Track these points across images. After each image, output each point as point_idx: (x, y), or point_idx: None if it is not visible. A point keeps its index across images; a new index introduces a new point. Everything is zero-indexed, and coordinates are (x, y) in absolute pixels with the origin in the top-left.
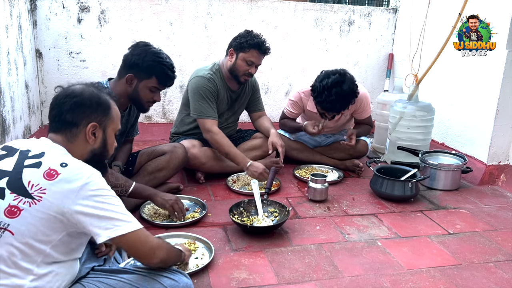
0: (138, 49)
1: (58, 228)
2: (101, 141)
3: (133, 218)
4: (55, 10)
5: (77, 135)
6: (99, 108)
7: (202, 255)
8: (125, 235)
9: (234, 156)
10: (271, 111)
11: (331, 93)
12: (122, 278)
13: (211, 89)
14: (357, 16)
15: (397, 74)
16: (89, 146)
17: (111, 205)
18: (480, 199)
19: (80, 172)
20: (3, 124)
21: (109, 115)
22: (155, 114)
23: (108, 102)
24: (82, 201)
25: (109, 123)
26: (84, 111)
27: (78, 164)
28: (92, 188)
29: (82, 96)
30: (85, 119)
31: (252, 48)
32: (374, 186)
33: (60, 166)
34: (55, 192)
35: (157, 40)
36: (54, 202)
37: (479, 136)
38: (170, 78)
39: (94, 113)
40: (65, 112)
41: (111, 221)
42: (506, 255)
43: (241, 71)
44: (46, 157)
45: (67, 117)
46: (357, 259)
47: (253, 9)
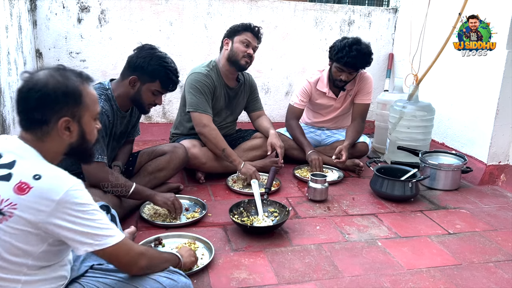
0: (143, 52)
1: (36, 241)
2: (78, 133)
3: (114, 231)
4: (55, 10)
5: (48, 132)
6: (69, 100)
7: (202, 255)
8: (104, 249)
9: (230, 154)
10: (271, 111)
11: (351, 49)
12: (121, 277)
13: (208, 84)
14: (357, 16)
15: (397, 74)
16: (65, 142)
17: (90, 220)
18: (480, 199)
19: (56, 185)
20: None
21: (81, 103)
22: (155, 114)
23: (77, 89)
24: (60, 215)
25: (83, 112)
26: (52, 107)
27: (53, 174)
28: (71, 202)
29: (47, 88)
30: (54, 115)
31: (244, 30)
32: (374, 186)
33: (32, 178)
34: (27, 207)
35: (157, 40)
36: (27, 218)
37: (479, 136)
38: (173, 83)
39: (64, 106)
40: (31, 109)
41: (90, 236)
42: (506, 255)
43: (240, 53)
44: (17, 167)
45: (35, 115)
46: (357, 259)
47: (253, 9)
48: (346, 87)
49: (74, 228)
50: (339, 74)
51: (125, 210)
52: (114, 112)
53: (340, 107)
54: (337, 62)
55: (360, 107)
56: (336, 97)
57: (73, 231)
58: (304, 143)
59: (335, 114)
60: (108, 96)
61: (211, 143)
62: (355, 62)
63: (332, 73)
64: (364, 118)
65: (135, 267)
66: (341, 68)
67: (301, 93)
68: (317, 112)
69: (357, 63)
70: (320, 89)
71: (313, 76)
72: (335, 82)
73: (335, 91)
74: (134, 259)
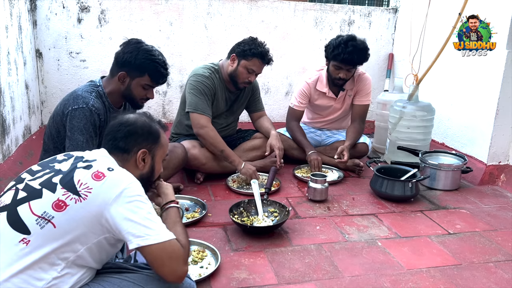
0: (130, 47)
1: (97, 230)
2: (149, 167)
3: (166, 230)
4: (55, 10)
5: (128, 160)
6: (150, 137)
7: (208, 264)
8: (153, 245)
9: (229, 155)
10: (271, 111)
11: (347, 45)
12: (126, 277)
13: (209, 86)
14: (357, 16)
15: (397, 74)
16: (138, 171)
17: (148, 213)
18: (480, 199)
19: (123, 178)
20: (3, 124)
21: (158, 143)
22: (155, 114)
23: (158, 131)
24: (120, 204)
25: (158, 150)
26: (136, 139)
27: (123, 171)
28: (131, 194)
29: (135, 125)
30: (136, 146)
31: (255, 57)
32: (374, 186)
33: (107, 170)
34: (99, 193)
35: (157, 40)
36: (96, 202)
37: (479, 136)
38: (163, 75)
39: (145, 141)
40: (119, 139)
41: (144, 229)
42: (506, 255)
43: (241, 78)
44: (97, 162)
45: (120, 144)
46: (357, 259)
47: (253, 9)
48: (345, 86)
49: (132, 218)
50: (337, 72)
51: None
52: (106, 109)
53: (341, 108)
54: (334, 60)
55: (359, 108)
56: (336, 97)
57: (129, 220)
58: (305, 143)
59: (335, 116)
60: (99, 93)
61: (210, 144)
62: (352, 58)
63: (330, 72)
64: (364, 119)
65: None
66: (338, 66)
67: (299, 95)
68: (317, 113)
69: (354, 59)
70: (319, 90)
71: (311, 77)
72: (334, 81)
73: (334, 90)
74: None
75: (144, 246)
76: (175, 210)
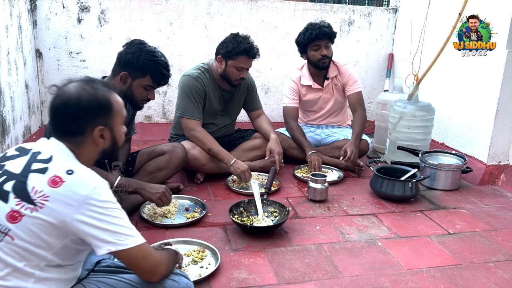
0: (132, 48)
1: (59, 236)
2: (110, 139)
3: (136, 233)
4: (55, 10)
5: (84, 141)
6: (102, 110)
7: (208, 264)
8: (126, 250)
9: (217, 152)
10: (271, 111)
11: (312, 25)
12: (123, 278)
13: (197, 88)
14: (357, 16)
15: (397, 74)
16: (99, 148)
17: (115, 218)
18: (480, 199)
19: (85, 181)
20: (3, 124)
21: (112, 112)
22: (155, 114)
23: (107, 99)
24: (85, 211)
25: (115, 120)
26: (87, 118)
27: (84, 172)
28: (97, 199)
29: (81, 101)
30: (90, 125)
31: (240, 55)
32: (374, 186)
33: (65, 173)
34: (58, 200)
35: (157, 40)
36: (56, 210)
37: (479, 136)
38: (164, 76)
39: (98, 116)
40: (67, 122)
41: (113, 234)
42: (506, 255)
43: (233, 77)
44: (53, 162)
45: (71, 127)
46: (357, 259)
47: (253, 9)
48: (329, 74)
49: (99, 225)
50: (318, 53)
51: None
52: None
53: (331, 98)
54: (310, 42)
55: (353, 97)
56: (322, 87)
57: (97, 228)
58: (305, 143)
59: (328, 108)
60: None
61: (198, 146)
62: (324, 30)
63: (311, 59)
64: (362, 105)
65: (156, 275)
66: (316, 45)
67: (289, 92)
68: (311, 110)
69: (326, 31)
70: (305, 84)
71: (294, 74)
72: (319, 64)
73: (319, 81)
74: (154, 266)
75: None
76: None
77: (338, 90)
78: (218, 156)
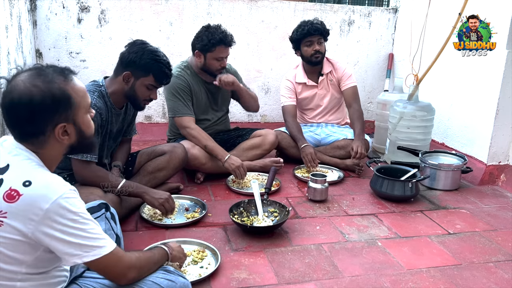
0: (135, 47)
1: (28, 250)
2: (76, 133)
3: (104, 241)
4: (55, 10)
5: (46, 141)
6: (59, 106)
7: (208, 264)
8: (93, 260)
9: (212, 149)
10: (271, 111)
11: (305, 22)
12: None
13: (181, 85)
14: (357, 16)
15: (397, 74)
16: (64, 145)
17: (80, 230)
18: (480, 199)
19: (46, 193)
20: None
21: (72, 105)
22: (155, 114)
23: (64, 92)
24: (49, 223)
25: (77, 112)
26: (43, 118)
27: (44, 181)
28: (60, 210)
29: (33, 100)
30: (49, 125)
31: (217, 46)
32: (374, 186)
33: (22, 185)
34: (17, 216)
35: (157, 40)
36: (17, 227)
37: (479, 136)
38: (167, 75)
39: (56, 114)
40: (22, 124)
41: (78, 247)
42: (506, 255)
43: (214, 68)
44: (9, 172)
45: (27, 129)
46: (357, 259)
47: (253, 9)
48: (323, 71)
49: (63, 237)
50: (311, 49)
51: (125, 209)
52: (108, 109)
53: (326, 94)
54: (303, 38)
55: (348, 91)
56: (316, 83)
57: (62, 241)
58: (297, 137)
59: (324, 104)
60: (102, 93)
61: (194, 143)
62: (316, 26)
63: (305, 55)
64: (357, 100)
65: (123, 279)
66: (309, 41)
67: (285, 92)
68: (308, 109)
69: (319, 26)
70: (300, 81)
71: (289, 74)
72: (312, 59)
73: (314, 78)
74: (123, 271)
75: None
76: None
77: (333, 86)
78: (213, 152)
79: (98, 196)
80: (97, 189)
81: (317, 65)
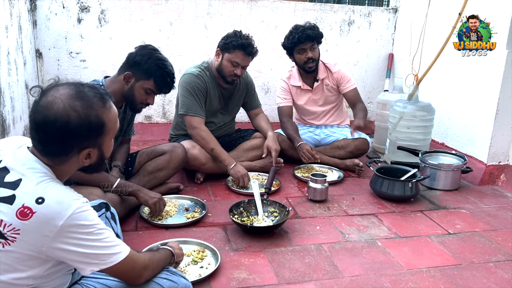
0: (144, 51)
1: (38, 264)
2: (97, 157)
3: (120, 247)
4: (55, 10)
5: (66, 161)
6: (92, 134)
7: (208, 264)
8: (109, 267)
9: (219, 154)
10: (271, 111)
11: (296, 28)
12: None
13: (199, 85)
14: (357, 16)
15: (397, 74)
16: (82, 165)
17: (96, 241)
18: (480, 199)
19: (59, 210)
20: (3, 124)
21: (103, 132)
22: (155, 114)
23: (100, 120)
24: (64, 239)
25: (105, 139)
26: (73, 142)
27: (57, 198)
28: (75, 225)
29: (69, 125)
30: (75, 148)
31: (237, 49)
32: (374, 186)
33: (35, 203)
34: (30, 232)
35: (157, 40)
36: (30, 242)
37: (479, 136)
38: (168, 86)
39: (86, 140)
40: (50, 143)
41: (96, 257)
42: (506, 255)
43: (227, 71)
44: (21, 187)
45: (53, 148)
46: (357, 259)
47: (253, 9)
48: (319, 76)
49: (79, 250)
50: (304, 56)
51: (125, 209)
52: None
53: (320, 99)
54: (295, 46)
55: (350, 94)
56: (311, 88)
57: (78, 253)
58: (293, 137)
59: (320, 109)
60: None
61: (201, 145)
62: (307, 33)
63: (298, 62)
64: (360, 99)
65: (140, 280)
66: (301, 48)
67: (280, 92)
68: (304, 111)
69: (310, 33)
70: (294, 84)
71: (285, 75)
72: (305, 67)
73: (309, 83)
74: (140, 272)
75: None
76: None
77: (330, 90)
78: (219, 157)
79: (97, 196)
80: (97, 189)
81: (312, 73)
